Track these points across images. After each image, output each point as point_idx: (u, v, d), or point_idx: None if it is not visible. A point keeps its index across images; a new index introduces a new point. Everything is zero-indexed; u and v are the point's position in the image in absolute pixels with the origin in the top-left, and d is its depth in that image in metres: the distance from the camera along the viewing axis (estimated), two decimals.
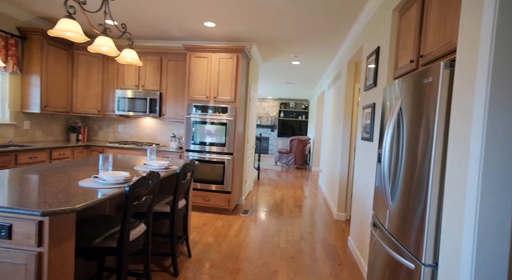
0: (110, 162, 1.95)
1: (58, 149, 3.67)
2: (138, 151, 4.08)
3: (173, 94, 4.27)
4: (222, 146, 3.88)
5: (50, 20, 3.88)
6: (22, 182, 1.65)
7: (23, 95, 3.73)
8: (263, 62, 5.54)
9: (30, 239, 1.22)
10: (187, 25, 3.73)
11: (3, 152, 2.97)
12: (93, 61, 4.31)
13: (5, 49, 3.39)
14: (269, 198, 4.92)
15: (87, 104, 4.32)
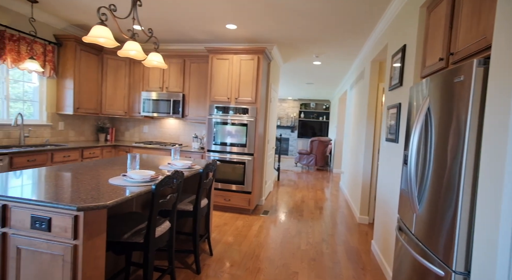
0: (137, 161, 2.04)
1: (89, 148, 3.89)
2: (162, 151, 4.22)
3: (195, 95, 4.37)
4: (242, 147, 3.92)
5: (83, 27, 4.12)
6: (59, 179, 1.76)
7: (58, 98, 3.99)
8: (283, 63, 5.53)
9: (66, 232, 1.31)
10: (209, 28, 3.81)
11: (41, 151, 3.19)
12: (120, 65, 4.52)
13: (44, 55, 3.65)
14: (289, 199, 4.90)
15: (115, 105, 4.53)
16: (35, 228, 1.34)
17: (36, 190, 1.48)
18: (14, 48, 3.29)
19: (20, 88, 3.59)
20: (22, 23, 3.44)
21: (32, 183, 1.62)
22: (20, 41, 3.34)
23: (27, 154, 3.04)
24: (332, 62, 5.29)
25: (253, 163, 3.90)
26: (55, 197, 1.36)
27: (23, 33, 3.40)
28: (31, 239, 1.35)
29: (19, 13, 3.40)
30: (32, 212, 1.35)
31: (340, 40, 3.98)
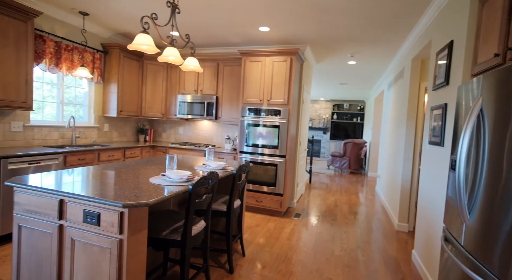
0: (175, 161, 2.13)
1: (130, 148, 4.15)
2: (196, 152, 4.37)
3: (228, 97, 4.46)
4: (274, 149, 3.91)
5: (126, 35, 4.42)
6: (106, 177, 1.91)
7: (104, 101, 4.32)
8: (316, 63, 5.43)
9: (113, 227, 1.41)
10: (242, 31, 3.87)
11: (90, 151, 3.48)
12: (159, 70, 4.77)
13: (92, 62, 3.98)
14: (321, 203, 4.79)
15: (154, 108, 4.79)
16: (86, 222, 1.46)
17: (87, 187, 1.62)
18: (69, 57, 3.63)
19: (72, 93, 3.95)
20: (75, 34, 3.79)
21: (84, 181, 1.77)
22: (73, 51, 3.68)
23: (78, 153, 3.33)
24: (368, 61, 5.08)
25: (285, 165, 3.88)
26: (103, 194, 1.47)
27: (76, 43, 3.74)
28: (83, 232, 1.47)
29: (73, 26, 3.75)
30: (84, 207, 1.47)
31: (377, 39, 3.81)
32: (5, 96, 2.82)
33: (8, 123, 3.13)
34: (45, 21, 3.42)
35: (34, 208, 1.60)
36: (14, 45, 2.86)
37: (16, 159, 2.69)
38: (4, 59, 2.79)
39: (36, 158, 2.87)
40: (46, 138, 3.55)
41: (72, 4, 3.31)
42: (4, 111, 3.09)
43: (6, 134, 3.12)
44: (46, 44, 3.33)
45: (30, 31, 3.00)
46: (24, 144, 3.30)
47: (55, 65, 3.47)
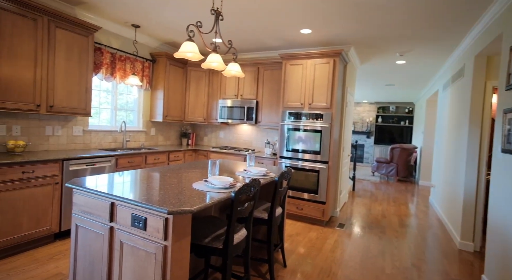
0: (217, 167, 2.13)
1: (174, 152, 4.32)
2: (236, 156, 4.38)
3: (268, 102, 4.41)
4: (316, 154, 3.75)
5: (172, 44, 4.64)
6: (152, 181, 1.96)
7: (151, 107, 4.57)
8: (360, 64, 5.13)
9: (158, 233, 1.42)
10: (283, 34, 3.80)
11: (138, 154, 3.68)
12: (201, 76, 4.92)
13: (142, 71, 4.24)
14: (367, 213, 4.46)
15: (196, 113, 4.95)
16: (134, 225, 1.50)
17: (135, 191, 1.67)
18: (122, 66, 3.91)
19: (124, 99, 4.25)
20: (127, 46, 4.08)
21: (132, 184, 1.84)
22: (126, 61, 3.96)
23: (127, 156, 3.54)
24: (420, 60, 4.65)
25: (328, 171, 3.69)
26: (150, 199, 1.50)
27: (128, 54, 4.02)
28: (131, 235, 1.51)
29: (126, 38, 4.04)
30: (132, 211, 1.51)
31: (432, 35, 3.45)
32: (69, 104, 3.11)
33: (71, 128, 3.46)
34: (102, 35, 3.73)
35: (89, 209, 1.70)
36: (77, 57, 3.16)
37: (76, 161, 2.95)
38: (69, 70, 3.09)
39: (92, 160, 3.11)
40: (101, 141, 3.85)
41: (126, 18, 3.56)
42: (68, 117, 3.42)
43: (69, 137, 3.45)
44: (103, 56, 3.62)
45: (91, 45, 3.28)
46: (83, 147, 3.61)
47: (110, 74, 3.76)
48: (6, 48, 2.57)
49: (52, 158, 2.72)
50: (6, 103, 2.60)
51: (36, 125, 3.11)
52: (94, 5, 3.22)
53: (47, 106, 2.92)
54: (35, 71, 2.80)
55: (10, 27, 2.59)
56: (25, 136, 3.02)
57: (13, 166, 2.46)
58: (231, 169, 2.68)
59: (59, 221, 2.84)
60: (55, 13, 2.88)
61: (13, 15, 2.59)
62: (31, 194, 2.60)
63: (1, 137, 2.83)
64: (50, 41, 2.90)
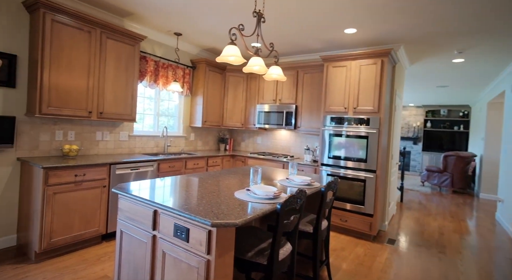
0: (259, 175, 2.01)
1: (212, 157, 4.33)
2: (275, 162, 4.25)
3: (308, 106, 4.23)
4: (362, 162, 3.47)
5: (211, 50, 4.70)
6: (194, 188, 1.91)
7: (191, 113, 4.66)
8: (409, 64, 4.71)
9: (201, 246, 1.34)
10: (326, 36, 3.62)
11: (178, 159, 3.74)
12: (239, 81, 4.91)
13: (183, 77, 4.34)
14: (420, 228, 4.01)
15: (234, 118, 4.93)
16: (176, 236, 1.44)
17: (178, 199, 1.62)
18: (164, 74, 4.04)
19: (165, 105, 4.38)
20: (169, 53, 4.21)
21: (175, 191, 1.80)
22: (168, 68, 4.09)
23: (168, 161, 3.61)
24: (482, 57, 4.12)
25: (376, 181, 3.38)
26: (192, 209, 1.43)
27: (170, 61, 4.14)
28: (173, 246, 1.45)
29: (168, 46, 4.18)
30: (175, 221, 1.46)
31: (500, 27, 3.01)
32: (117, 110, 3.26)
33: (118, 133, 3.63)
34: (147, 43, 3.89)
35: (133, 216, 1.69)
36: (125, 66, 3.31)
37: (121, 165, 3.06)
38: (117, 78, 3.24)
39: (136, 165, 3.21)
40: (145, 146, 3.99)
41: (169, 27, 3.67)
42: (115, 123, 3.59)
43: (116, 142, 3.62)
44: (147, 64, 3.77)
45: (137, 53, 3.43)
46: (128, 151, 3.77)
47: (153, 81, 3.89)
48: (66, 60, 2.77)
49: (101, 162, 2.85)
50: (64, 110, 2.79)
51: (88, 131, 3.31)
52: (141, 16, 3.36)
53: (98, 112, 3.08)
54: (88, 80, 2.97)
55: (70, 40, 2.78)
56: (78, 141, 3.22)
57: (67, 169, 2.61)
58: (272, 177, 2.56)
59: (106, 223, 2.95)
60: (107, 25, 3.04)
61: (72, 29, 2.79)
62: (82, 196, 2.73)
63: (58, 141, 3.05)
64: (102, 52, 3.07)
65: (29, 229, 2.61)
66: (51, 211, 2.52)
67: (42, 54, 2.62)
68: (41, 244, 2.47)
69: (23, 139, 2.79)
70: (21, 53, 2.73)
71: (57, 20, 2.68)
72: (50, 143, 2.99)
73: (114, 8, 3.18)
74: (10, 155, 2.72)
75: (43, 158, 2.79)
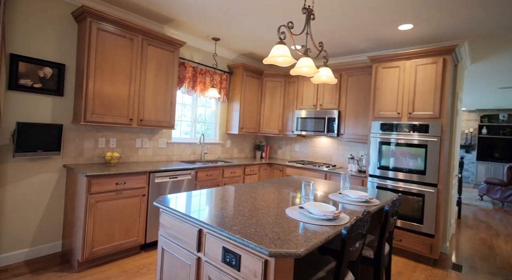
0: (312, 191, 1.77)
1: (249, 166, 4.15)
2: (315, 172, 3.96)
3: (353, 112, 3.89)
4: (420, 174, 3.05)
5: (249, 55, 4.57)
6: (239, 203, 1.72)
7: (227, 119, 4.55)
8: (471, 63, 4.18)
9: (256, 277, 1.13)
10: (376, 34, 3.29)
11: (215, 167, 3.61)
12: (276, 86, 4.72)
13: (220, 83, 4.26)
14: (490, 252, 3.44)
15: (271, 125, 4.73)
16: (225, 262, 1.25)
17: (225, 217, 1.43)
18: (202, 80, 3.98)
19: (202, 112, 4.31)
20: (207, 59, 4.15)
21: (220, 207, 1.62)
22: (206, 74, 4.02)
23: (206, 169, 3.50)
24: None
25: (437, 196, 2.95)
26: (244, 232, 1.23)
27: (208, 67, 4.08)
28: (222, 274, 1.26)
29: (205, 51, 4.12)
30: (223, 244, 1.27)
31: None
32: (157, 117, 3.23)
33: (156, 141, 3.60)
34: (186, 50, 3.86)
35: (176, 233, 1.54)
36: (165, 72, 3.28)
37: (160, 173, 2.99)
38: (157, 85, 3.22)
39: (175, 173, 3.12)
40: (182, 153, 3.93)
41: (208, 32, 3.61)
42: (154, 130, 3.57)
43: (155, 149, 3.59)
44: (186, 70, 3.72)
45: (176, 60, 3.39)
46: (166, 159, 3.73)
47: (191, 87, 3.84)
48: (109, 67, 2.78)
49: (141, 170, 2.80)
50: (106, 118, 2.79)
51: (128, 138, 3.31)
52: (181, 21, 3.32)
53: (138, 119, 3.06)
54: (130, 87, 2.97)
55: (113, 48, 2.80)
56: (119, 148, 3.23)
57: (109, 177, 2.58)
58: (320, 190, 2.29)
59: (145, 232, 2.89)
60: (148, 32, 3.03)
61: (115, 37, 2.80)
62: (122, 205, 2.69)
63: (100, 148, 3.07)
64: (143, 58, 3.06)
65: (72, 237, 2.62)
66: (93, 220, 2.50)
67: (88, 62, 2.65)
68: (84, 253, 2.45)
69: (69, 146, 2.84)
70: (69, 62, 2.79)
71: (102, 28, 2.70)
72: (93, 150, 3.02)
73: (155, 15, 3.18)
74: (57, 162, 2.77)
75: (86, 165, 2.80)
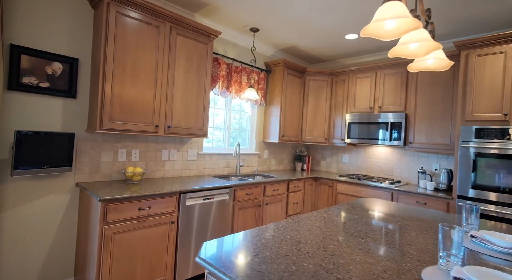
0: (458, 242, 1.04)
1: (293, 181, 3.44)
2: (376, 190, 3.17)
3: (426, 114, 3.10)
4: None
5: (289, 50, 3.92)
6: (338, 265, 1.02)
7: (264, 126, 3.89)
8: None
9: None
10: (467, 11, 2.53)
11: (256, 184, 2.94)
12: (321, 86, 4.02)
13: (257, 83, 3.62)
14: None
15: (315, 132, 4.02)
16: None
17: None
18: (237, 79, 3.37)
19: (236, 117, 3.68)
20: (243, 55, 3.55)
21: (314, 271, 0.93)
22: (241, 72, 3.41)
23: (245, 187, 2.83)
24: None
25: None
26: None
27: (244, 64, 3.47)
28: None
29: (241, 46, 3.52)
30: None
31: None
32: (187, 124, 2.63)
33: (185, 151, 3.00)
34: (219, 43, 3.28)
35: None
36: (196, 69, 2.70)
37: (192, 194, 2.36)
38: (188, 84, 2.63)
39: (209, 193, 2.49)
40: (214, 167, 3.31)
41: (245, 21, 3.01)
42: (183, 139, 2.98)
43: (184, 162, 2.99)
44: (220, 67, 3.13)
45: (210, 54, 2.80)
46: (196, 173, 3.12)
47: (225, 88, 3.24)
48: (131, 62, 2.22)
49: (169, 190, 2.18)
50: (127, 125, 2.22)
51: (153, 149, 2.73)
52: (216, 7, 2.74)
53: (165, 126, 2.48)
54: (155, 87, 2.40)
55: (135, 38, 2.24)
56: (142, 161, 2.65)
57: (130, 201, 1.98)
58: (417, 227, 1.54)
59: (174, 270, 2.25)
60: (178, 18, 2.47)
61: (138, 23, 2.25)
62: (146, 236, 2.07)
63: (121, 162, 2.50)
64: (171, 51, 2.49)
65: (85, 274, 2.03)
66: (110, 257, 1.90)
67: (105, 56, 2.10)
68: None
69: (83, 160, 2.29)
70: (83, 56, 2.27)
71: (122, 12, 2.16)
72: (112, 165, 2.45)
73: (185, 0, 2.62)
74: (69, 180, 2.23)
75: (103, 184, 2.24)
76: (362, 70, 3.65)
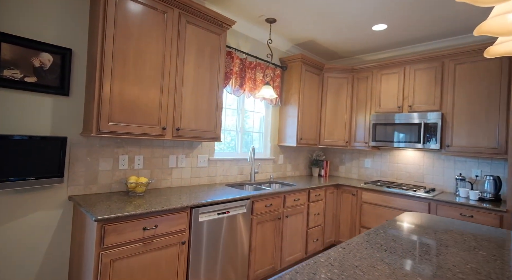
0: None
1: (314, 189, 3.08)
2: (410, 200, 2.80)
3: (467, 114, 2.74)
4: None
5: (306, 45, 3.58)
6: None
7: (280, 128, 3.54)
8: None
9: None
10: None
11: (276, 194, 2.58)
12: (341, 84, 3.66)
13: (272, 81, 3.28)
14: None
15: (334, 134, 3.66)
16: None
17: None
18: (252, 76, 3.02)
19: (249, 119, 3.33)
20: (257, 50, 3.21)
21: None
22: (256, 68, 3.06)
23: (264, 198, 2.47)
24: None
25: None
26: None
27: (259, 59, 3.12)
28: None
29: (255, 40, 3.18)
30: None
31: None
32: (198, 126, 2.28)
33: (195, 157, 2.65)
34: (230, 36, 2.94)
35: None
36: (208, 63, 2.35)
37: (205, 208, 2.00)
38: (199, 81, 2.28)
39: (225, 206, 2.13)
40: (227, 174, 2.95)
41: (261, 10, 2.66)
42: (193, 143, 2.63)
43: (193, 169, 2.64)
44: (233, 62, 2.78)
45: (223, 46, 2.45)
46: (207, 181, 2.76)
47: (239, 85, 2.89)
48: (133, 54, 1.88)
49: (179, 206, 1.83)
50: (130, 127, 1.87)
51: (159, 155, 2.38)
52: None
53: (174, 128, 2.13)
54: (162, 82, 2.05)
55: (139, 26, 1.90)
56: (147, 169, 2.30)
57: (133, 220, 1.62)
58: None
59: None
60: (187, 3, 2.13)
61: (142, 8, 1.91)
62: (152, 261, 1.71)
63: (122, 171, 2.15)
64: (180, 42, 2.14)
65: None
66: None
67: (104, 46, 1.76)
68: None
69: (77, 169, 1.94)
70: (78, 47, 1.92)
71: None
72: (111, 174, 2.10)
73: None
74: (60, 193, 1.88)
75: (101, 197, 1.88)
76: (388, 66, 3.30)
